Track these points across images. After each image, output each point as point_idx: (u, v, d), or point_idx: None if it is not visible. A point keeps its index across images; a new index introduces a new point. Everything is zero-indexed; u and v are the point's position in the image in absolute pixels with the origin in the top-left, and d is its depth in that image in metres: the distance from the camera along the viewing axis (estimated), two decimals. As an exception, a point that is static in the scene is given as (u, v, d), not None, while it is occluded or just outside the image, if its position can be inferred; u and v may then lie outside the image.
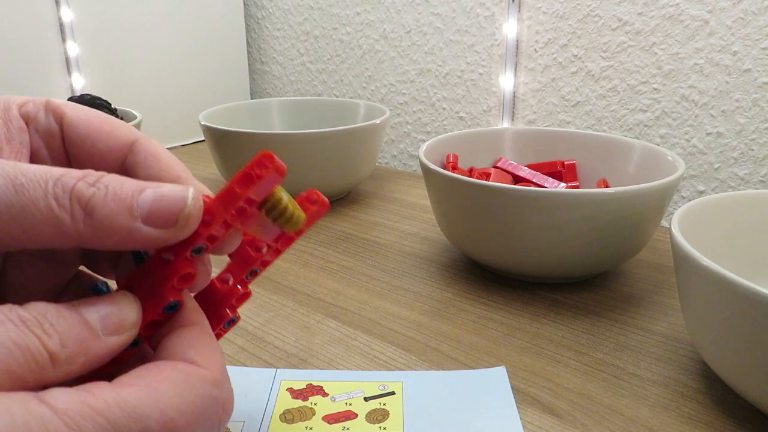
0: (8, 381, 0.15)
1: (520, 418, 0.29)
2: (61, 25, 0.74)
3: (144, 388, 0.17)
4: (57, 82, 0.75)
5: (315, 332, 0.37)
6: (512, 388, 0.32)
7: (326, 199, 0.23)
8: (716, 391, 0.32)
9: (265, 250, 0.23)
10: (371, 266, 0.47)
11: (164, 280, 0.20)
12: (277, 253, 0.24)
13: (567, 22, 0.66)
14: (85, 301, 0.18)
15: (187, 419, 0.17)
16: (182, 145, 0.88)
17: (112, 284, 0.23)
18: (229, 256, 0.24)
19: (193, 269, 0.20)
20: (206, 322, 0.21)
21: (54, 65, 0.75)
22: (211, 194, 0.21)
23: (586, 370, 0.33)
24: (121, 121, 0.24)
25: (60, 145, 0.23)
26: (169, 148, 0.86)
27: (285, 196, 0.21)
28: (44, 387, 0.17)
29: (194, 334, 0.20)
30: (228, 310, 0.24)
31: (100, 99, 0.63)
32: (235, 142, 0.55)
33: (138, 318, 0.19)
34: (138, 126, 0.60)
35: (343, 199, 0.63)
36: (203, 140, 0.90)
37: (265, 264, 0.24)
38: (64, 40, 0.75)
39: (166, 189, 0.19)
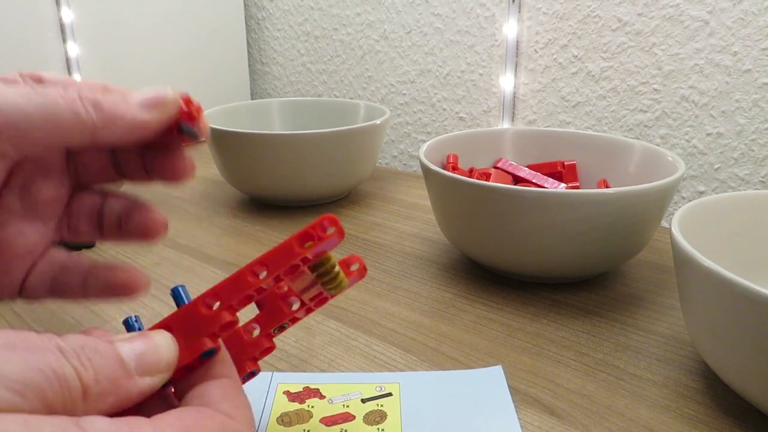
0: (39, 407, 0.15)
1: (518, 417, 0.29)
2: (62, 26, 0.74)
3: (180, 428, 0.17)
4: (57, 83, 0.75)
5: (315, 333, 0.38)
6: (513, 388, 0.32)
7: (365, 266, 0.23)
8: (716, 391, 0.32)
9: (296, 306, 0.23)
10: (371, 267, 0.47)
11: (205, 325, 0.20)
12: (309, 311, 0.24)
13: (567, 23, 0.66)
14: (122, 337, 0.19)
15: None
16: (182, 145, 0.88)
17: (144, 321, 0.23)
18: (259, 308, 0.24)
19: (236, 319, 0.21)
20: (237, 376, 0.21)
21: (54, 65, 0.75)
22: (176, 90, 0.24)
23: (586, 371, 0.33)
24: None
25: None
26: (169, 149, 0.86)
27: (335, 260, 0.21)
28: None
29: (228, 386, 0.20)
30: (249, 362, 0.24)
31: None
32: (236, 142, 0.55)
33: (174, 359, 0.20)
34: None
35: (343, 200, 0.63)
36: (203, 140, 0.89)
37: (294, 320, 0.24)
38: (64, 40, 0.75)
39: (152, 89, 0.24)
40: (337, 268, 0.21)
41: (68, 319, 0.39)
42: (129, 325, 0.21)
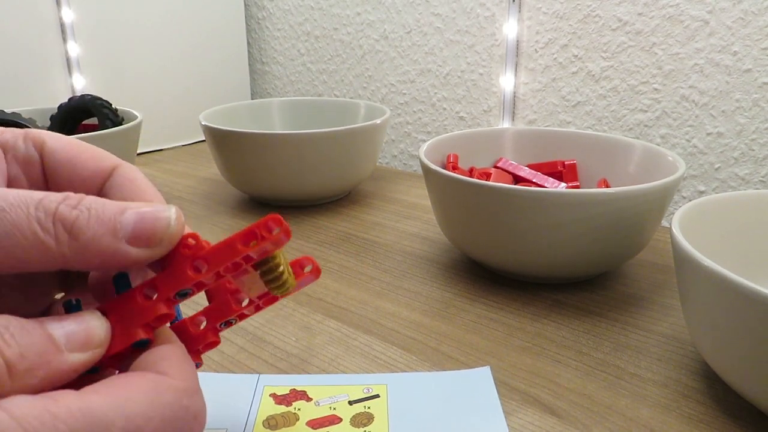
0: None
1: (505, 418, 0.29)
2: (62, 26, 0.74)
3: (110, 395, 0.16)
4: (58, 83, 0.75)
5: (315, 332, 0.38)
6: (513, 388, 0.32)
7: (320, 268, 0.23)
8: (717, 391, 0.32)
9: (245, 303, 0.23)
10: (372, 266, 0.47)
11: (141, 315, 0.20)
12: (258, 309, 0.24)
13: (567, 23, 0.66)
14: (52, 317, 0.18)
15: (154, 427, 0.17)
16: (182, 145, 0.88)
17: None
18: (208, 299, 0.24)
19: (172, 312, 0.20)
20: (179, 342, 0.21)
21: (55, 65, 0.75)
22: (182, 217, 0.21)
23: (586, 371, 0.33)
24: (102, 150, 0.23)
25: (39, 172, 0.22)
26: (169, 148, 0.86)
27: (283, 262, 0.21)
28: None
29: (166, 348, 0.20)
30: (193, 355, 0.23)
31: (100, 99, 0.63)
32: (236, 142, 0.55)
33: (106, 338, 0.19)
34: (138, 126, 0.60)
35: (343, 199, 0.63)
36: (203, 140, 0.90)
37: (242, 317, 0.24)
38: (64, 40, 0.75)
39: (147, 209, 0.19)
40: (282, 268, 0.21)
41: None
42: (69, 306, 0.21)
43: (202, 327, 0.23)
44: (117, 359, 0.20)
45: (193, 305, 0.38)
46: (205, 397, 0.19)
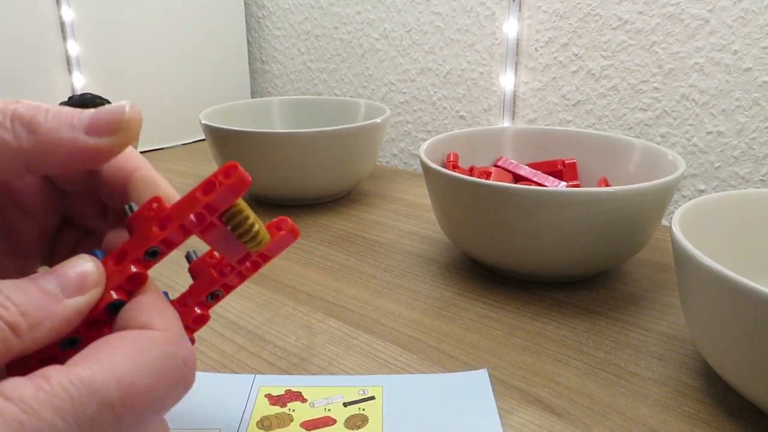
0: None
1: (501, 421, 0.29)
2: (62, 24, 0.74)
3: (95, 361, 0.17)
4: (58, 81, 0.75)
5: (315, 331, 0.38)
6: (513, 387, 0.32)
7: (296, 228, 0.23)
8: (717, 390, 0.32)
9: (228, 272, 0.23)
10: (372, 265, 0.47)
11: (111, 278, 0.20)
12: (242, 277, 0.23)
13: (567, 21, 0.66)
14: (43, 271, 0.19)
15: (147, 381, 0.17)
16: (183, 144, 0.88)
17: None
18: (192, 277, 0.24)
19: (143, 271, 0.20)
20: (158, 291, 0.21)
21: (55, 64, 0.75)
22: (175, 193, 0.21)
23: (586, 369, 0.33)
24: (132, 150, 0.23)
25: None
26: (169, 147, 0.86)
27: (250, 213, 0.21)
28: (16, 359, 0.17)
29: (144, 298, 0.20)
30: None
31: (100, 98, 0.63)
32: (236, 141, 0.55)
33: (100, 276, 0.19)
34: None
35: (343, 198, 0.63)
36: (204, 139, 0.90)
37: (227, 288, 0.24)
38: (64, 39, 0.75)
39: (104, 107, 0.20)
40: (251, 220, 0.20)
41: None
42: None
43: (189, 304, 0.23)
44: (95, 328, 0.20)
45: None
46: (200, 397, 0.19)
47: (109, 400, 0.16)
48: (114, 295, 0.20)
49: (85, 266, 0.19)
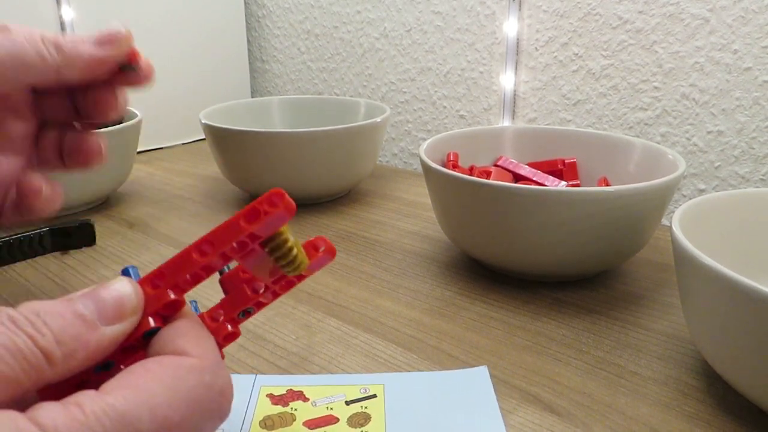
0: (2, 386, 0.15)
1: (503, 418, 0.29)
2: (62, 24, 0.74)
3: (131, 390, 0.16)
4: (57, 81, 0.75)
5: (315, 331, 0.38)
6: (513, 386, 0.32)
7: (334, 247, 0.22)
8: (717, 389, 0.32)
9: (262, 290, 0.23)
10: (372, 265, 0.47)
11: (149, 304, 0.20)
12: (275, 295, 0.23)
13: (567, 21, 0.66)
14: (81, 292, 0.18)
15: (182, 413, 0.17)
16: (183, 144, 0.88)
17: None
18: (224, 291, 0.23)
19: (181, 297, 0.20)
20: (195, 316, 0.21)
21: (54, 64, 0.75)
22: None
23: (587, 369, 0.33)
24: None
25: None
26: (169, 147, 0.86)
27: (291, 239, 0.20)
28: (45, 386, 0.16)
29: (182, 324, 0.20)
30: None
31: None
32: (236, 140, 0.55)
33: (139, 303, 0.19)
34: (138, 124, 0.60)
35: (343, 198, 0.63)
36: (204, 139, 0.90)
37: (260, 305, 0.23)
38: (64, 38, 0.75)
39: (105, 29, 0.27)
40: (290, 244, 0.20)
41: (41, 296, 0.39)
42: (125, 273, 0.21)
43: (220, 320, 0.23)
44: (130, 352, 0.20)
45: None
46: None
47: None
48: (152, 322, 0.19)
49: (123, 290, 0.19)
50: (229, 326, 0.23)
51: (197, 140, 0.90)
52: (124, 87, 0.30)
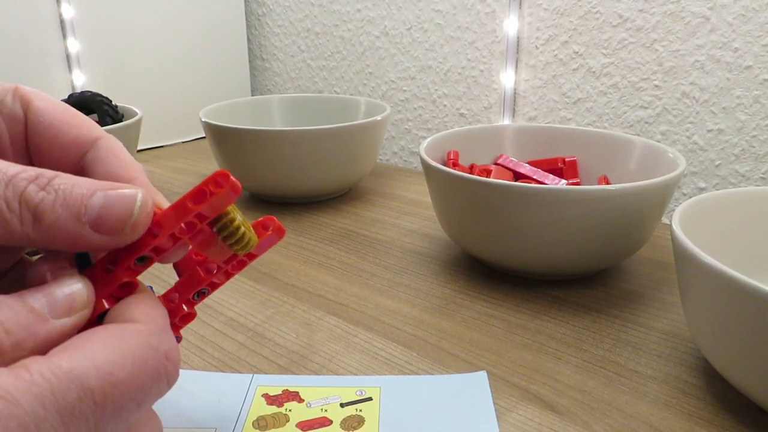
0: None
1: (498, 424, 0.29)
2: (62, 22, 0.74)
3: (77, 350, 0.17)
4: (57, 79, 0.75)
5: (316, 329, 0.38)
6: (514, 385, 0.32)
7: (282, 227, 0.23)
8: (717, 387, 0.32)
9: (215, 271, 0.23)
10: (372, 263, 0.47)
11: (103, 287, 0.20)
12: (228, 275, 0.24)
13: (568, 19, 0.66)
14: (31, 288, 0.18)
15: (127, 371, 0.17)
16: (183, 142, 0.88)
17: None
18: (178, 274, 0.24)
19: (134, 279, 0.20)
20: (148, 290, 0.21)
21: (54, 62, 0.75)
22: (165, 201, 0.21)
23: (587, 367, 0.33)
24: (87, 117, 0.24)
25: (22, 131, 0.23)
26: (169, 145, 0.86)
27: (239, 217, 0.21)
28: None
29: (131, 298, 0.20)
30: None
31: (100, 96, 0.63)
32: (236, 139, 0.55)
33: (89, 298, 0.19)
34: (138, 122, 0.60)
35: (343, 196, 0.63)
36: (204, 137, 0.89)
37: (213, 286, 0.24)
38: (64, 36, 0.75)
39: (116, 193, 0.19)
40: (237, 223, 0.21)
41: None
42: (80, 261, 0.21)
43: (176, 302, 0.23)
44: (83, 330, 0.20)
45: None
46: (197, 396, 0.19)
47: (89, 388, 0.16)
48: (105, 304, 0.20)
49: (74, 287, 0.19)
50: (185, 307, 0.23)
51: (197, 138, 0.90)
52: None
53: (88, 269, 0.20)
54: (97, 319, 0.20)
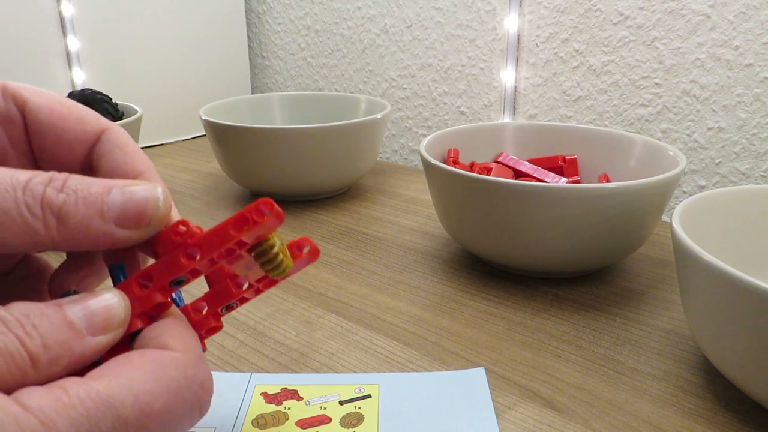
0: None
1: (497, 421, 0.29)
2: (62, 20, 0.74)
3: (115, 377, 0.17)
4: (57, 77, 0.75)
5: (316, 327, 0.38)
6: (513, 382, 0.32)
7: (318, 248, 0.23)
8: (716, 385, 0.32)
9: (245, 287, 0.23)
10: (372, 261, 0.47)
11: (137, 305, 0.20)
12: (258, 292, 0.23)
13: (568, 17, 0.66)
14: (71, 299, 0.18)
15: (163, 402, 0.17)
16: (183, 140, 0.88)
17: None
18: (209, 285, 0.23)
19: (168, 300, 0.20)
20: (180, 314, 0.21)
21: (54, 60, 0.75)
22: (169, 197, 0.21)
23: (586, 365, 0.34)
24: (89, 109, 0.23)
25: (22, 133, 0.22)
26: (169, 143, 0.86)
27: (277, 244, 0.20)
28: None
29: (166, 321, 0.20)
30: None
31: (100, 93, 0.63)
32: (236, 136, 0.55)
33: (126, 317, 0.19)
34: (139, 120, 0.60)
35: (344, 194, 0.63)
36: (204, 135, 0.89)
37: (243, 301, 0.24)
38: (64, 34, 0.74)
39: (134, 189, 0.19)
40: (276, 250, 0.20)
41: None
42: (114, 273, 0.21)
43: (203, 313, 0.23)
44: (115, 350, 0.20)
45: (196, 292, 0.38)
46: None
47: (124, 417, 0.16)
48: (139, 324, 0.20)
49: (111, 302, 0.19)
50: (212, 320, 0.23)
51: (198, 136, 0.90)
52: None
53: (122, 283, 0.20)
54: (129, 336, 0.19)
